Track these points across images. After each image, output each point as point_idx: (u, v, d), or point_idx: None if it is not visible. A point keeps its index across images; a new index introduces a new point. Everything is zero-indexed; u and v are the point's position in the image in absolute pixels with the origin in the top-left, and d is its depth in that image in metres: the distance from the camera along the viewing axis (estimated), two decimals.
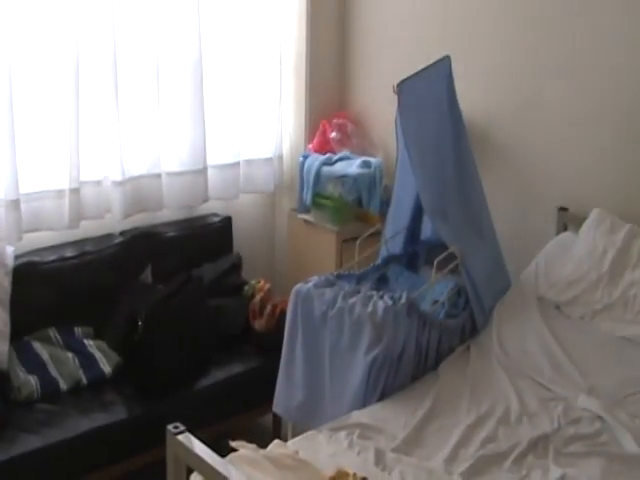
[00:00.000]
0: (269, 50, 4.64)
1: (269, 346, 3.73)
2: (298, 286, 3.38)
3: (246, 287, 4.17)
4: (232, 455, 2.54)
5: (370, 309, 3.11)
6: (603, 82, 3.68)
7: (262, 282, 4.16)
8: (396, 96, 3.34)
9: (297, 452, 2.65)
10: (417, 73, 3.49)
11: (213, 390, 3.67)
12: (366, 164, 4.44)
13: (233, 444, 2.63)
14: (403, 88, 3.37)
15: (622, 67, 3.61)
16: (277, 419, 3.90)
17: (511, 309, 3.49)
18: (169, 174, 4.27)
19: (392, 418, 2.90)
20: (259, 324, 3.93)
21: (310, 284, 3.36)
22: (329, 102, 4.88)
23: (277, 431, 3.88)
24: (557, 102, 3.86)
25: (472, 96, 3.96)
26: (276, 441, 2.74)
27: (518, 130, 4.03)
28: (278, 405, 3.43)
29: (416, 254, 3.90)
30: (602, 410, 2.91)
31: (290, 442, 2.81)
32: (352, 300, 3.19)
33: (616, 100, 3.66)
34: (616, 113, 3.67)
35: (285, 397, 3.39)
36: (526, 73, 3.97)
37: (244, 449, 2.61)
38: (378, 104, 4.61)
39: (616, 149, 3.70)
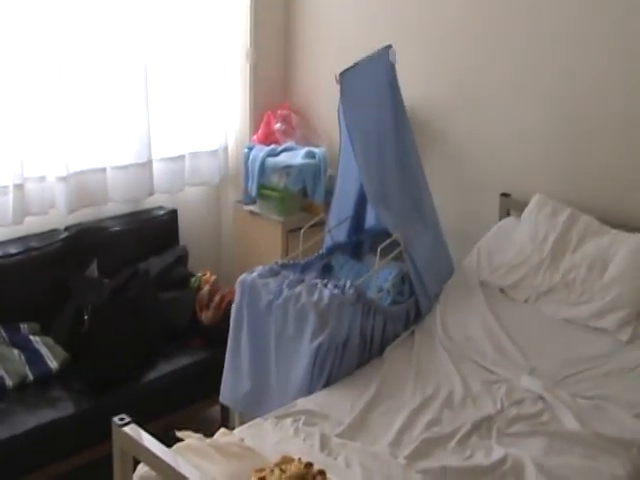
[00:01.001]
0: (213, 42, 4.62)
1: (216, 338, 3.72)
2: (243, 276, 3.39)
3: (193, 279, 4.16)
4: (178, 445, 2.54)
5: (315, 297, 3.13)
6: (544, 69, 3.74)
7: (208, 274, 4.16)
8: (339, 86, 3.36)
9: (243, 440, 2.67)
10: (359, 63, 3.51)
11: (161, 383, 3.66)
12: (310, 154, 4.46)
13: (179, 434, 2.64)
14: (345, 78, 3.40)
15: (562, 54, 3.67)
16: (225, 410, 3.90)
17: (455, 294, 3.53)
18: (114, 168, 4.23)
19: (337, 404, 2.92)
20: (206, 316, 3.93)
21: (255, 274, 3.37)
22: (273, 93, 4.89)
23: (225, 422, 3.88)
24: (499, 89, 3.92)
25: (414, 84, 3.99)
26: (222, 430, 2.75)
27: (460, 118, 4.08)
28: (225, 395, 3.43)
29: (361, 242, 3.93)
30: (544, 390, 2.96)
31: (236, 430, 2.81)
32: (297, 289, 3.20)
33: (557, 87, 3.72)
34: (557, 100, 3.73)
35: (232, 387, 3.39)
36: (468, 61, 4.01)
37: (190, 439, 2.62)
38: (322, 94, 4.63)
39: (557, 136, 3.76)
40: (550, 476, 2.53)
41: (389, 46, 3.65)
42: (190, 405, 3.84)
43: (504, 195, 3.88)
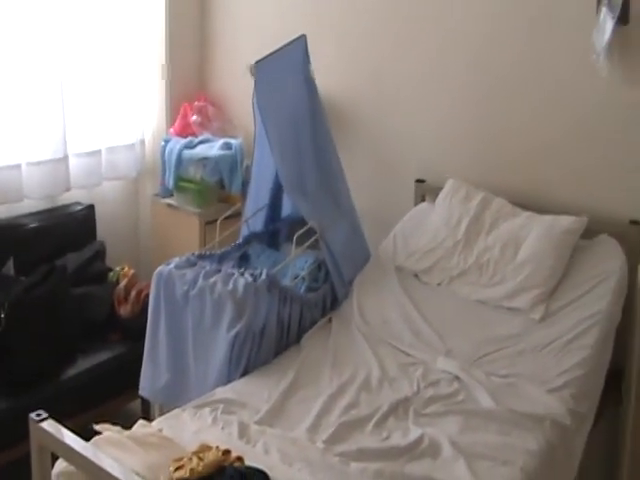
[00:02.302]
0: (128, 35, 4.58)
1: (135, 331, 3.69)
2: (160, 268, 3.37)
3: (111, 274, 4.12)
4: (96, 438, 2.51)
5: (231, 287, 3.12)
6: (457, 57, 3.80)
7: (127, 268, 4.13)
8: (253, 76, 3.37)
9: (161, 430, 2.65)
10: (273, 53, 3.52)
11: (80, 379, 3.63)
12: (227, 145, 4.46)
13: (97, 427, 2.61)
14: (259, 68, 3.41)
15: (475, 42, 3.73)
16: (146, 403, 3.88)
17: (371, 280, 3.56)
18: (29, 164, 4.17)
19: (255, 392, 2.92)
20: (124, 310, 3.90)
21: (171, 265, 3.35)
22: (190, 85, 4.88)
23: (146, 415, 3.86)
24: (414, 77, 3.96)
25: (330, 73, 4.02)
26: (140, 421, 2.72)
27: (376, 105, 4.11)
28: (144, 388, 3.41)
29: (277, 231, 3.94)
30: (459, 370, 3.01)
31: (155, 422, 2.79)
32: (213, 279, 3.19)
33: (469, 75, 3.79)
34: (469, 87, 3.79)
35: (150, 380, 3.37)
36: (383, 49, 4.05)
37: (108, 432, 2.59)
38: (238, 85, 4.61)
39: (468, 122, 3.82)
40: (466, 453, 2.57)
41: (303, 35, 3.67)
42: (110, 400, 3.81)
43: (419, 181, 3.93)
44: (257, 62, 3.41)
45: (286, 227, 3.89)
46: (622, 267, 3.29)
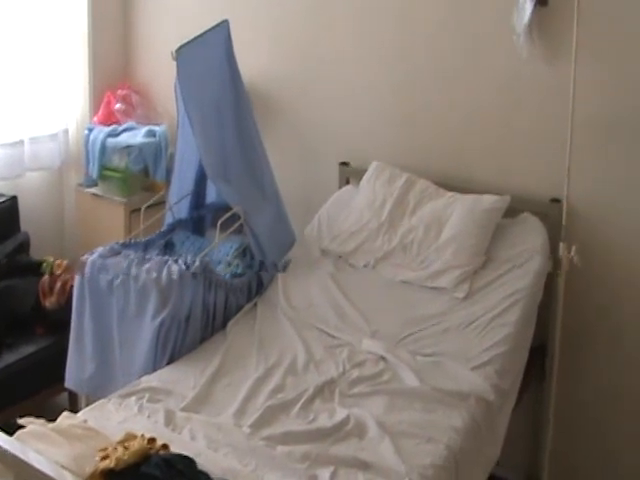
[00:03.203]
0: (49, 23, 4.48)
1: (61, 323, 3.64)
2: (83, 258, 3.33)
3: (44, 264, 4.04)
4: (20, 432, 2.48)
5: (155, 274, 3.11)
6: (377, 40, 3.81)
7: (60, 260, 4.05)
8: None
9: (86, 421, 2.62)
10: (195, 38, 3.50)
11: (5, 373, 3.56)
12: (151, 133, 4.42)
13: (21, 421, 2.57)
14: (181, 54, 3.39)
15: (393, 27, 3.76)
16: (73, 395, 3.84)
17: (296, 264, 3.56)
18: None
19: (181, 379, 2.90)
20: (50, 302, 3.84)
21: (95, 255, 3.31)
22: (113, 73, 4.82)
23: (74, 407, 3.81)
24: (336, 61, 3.97)
25: (253, 58, 4.03)
26: (65, 413, 2.69)
27: (299, 90, 4.11)
28: (70, 380, 3.36)
29: (202, 218, 3.93)
30: (384, 351, 3.03)
31: (80, 413, 2.76)
32: (137, 267, 3.17)
33: (390, 58, 3.80)
34: (389, 70, 3.81)
35: (76, 371, 3.33)
36: (305, 33, 4.05)
37: (32, 425, 2.56)
38: (162, 72, 4.56)
39: (391, 104, 3.84)
40: (391, 432, 2.59)
41: (225, 21, 3.65)
42: (37, 394, 3.75)
43: (343, 164, 3.94)
44: (179, 48, 3.39)
45: (211, 213, 3.87)
46: (544, 245, 3.35)
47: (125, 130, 4.49)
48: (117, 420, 2.66)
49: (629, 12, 3.21)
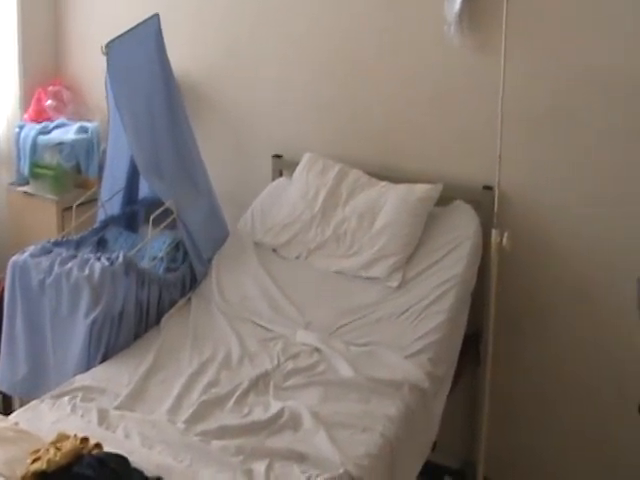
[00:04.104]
0: None
1: None
2: (14, 258, 3.28)
3: None
4: None
5: (87, 272, 3.07)
6: (308, 31, 3.81)
7: None
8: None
9: (17, 424, 2.59)
10: (126, 33, 3.48)
11: None
12: (83, 129, 4.36)
13: None
14: (111, 49, 3.37)
15: (326, 17, 3.76)
16: (7, 398, 3.76)
17: (229, 257, 3.56)
18: None
19: (115, 377, 2.88)
20: None
21: (26, 254, 3.26)
22: (44, 69, 4.73)
23: (7, 409, 3.75)
24: (265, 54, 3.96)
25: (184, 52, 4.00)
26: None
27: (231, 83, 4.09)
28: (2, 382, 3.31)
29: (135, 213, 3.89)
30: (319, 342, 3.04)
31: (12, 415, 2.73)
32: (69, 265, 3.13)
33: (321, 49, 3.80)
34: (320, 62, 3.81)
35: (9, 372, 3.27)
36: (237, 25, 4.03)
37: None
38: (93, 67, 4.46)
39: (323, 96, 3.84)
40: (326, 423, 2.60)
41: (156, 15, 3.62)
42: None
43: (276, 157, 3.93)
44: (109, 43, 3.36)
45: (143, 209, 3.84)
46: (476, 232, 3.38)
47: (56, 127, 4.42)
48: (50, 421, 2.63)
49: (557, 3, 3.25)
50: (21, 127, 4.45)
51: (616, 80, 3.20)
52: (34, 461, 2.30)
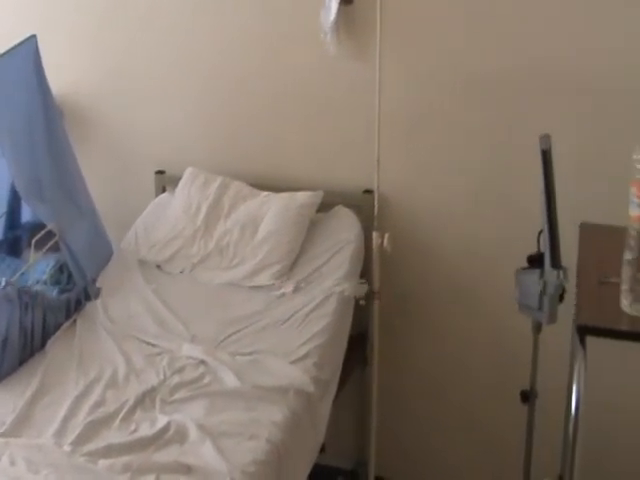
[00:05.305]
0: None
1: None
2: None
3: None
4: None
5: None
6: (183, 44, 3.82)
7: None
8: None
9: None
10: (1, 55, 3.42)
11: None
12: None
13: None
14: None
15: (205, 32, 3.77)
16: None
17: (114, 276, 3.55)
18: None
19: (0, 404, 2.85)
20: None
21: None
22: None
23: None
24: (149, 70, 3.94)
25: (62, 72, 3.93)
26: None
27: (113, 102, 4.06)
28: None
29: (18, 238, 3.85)
30: (204, 354, 3.05)
31: None
32: None
33: (196, 64, 3.82)
34: (198, 75, 3.84)
35: None
36: (116, 45, 3.99)
37: None
38: None
39: (202, 110, 3.86)
40: (212, 434, 2.61)
41: (33, 36, 3.58)
42: None
43: (159, 172, 3.94)
44: None
45: (27, 233, 3.79)
46: (357, 235, 3.46)
47: None
48: None
49: (430, 10, 3.35)
50: None
51: (488, 81, 3.30)
52: None
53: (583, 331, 2.16)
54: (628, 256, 2.18)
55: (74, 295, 3.44)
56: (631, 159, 2.11)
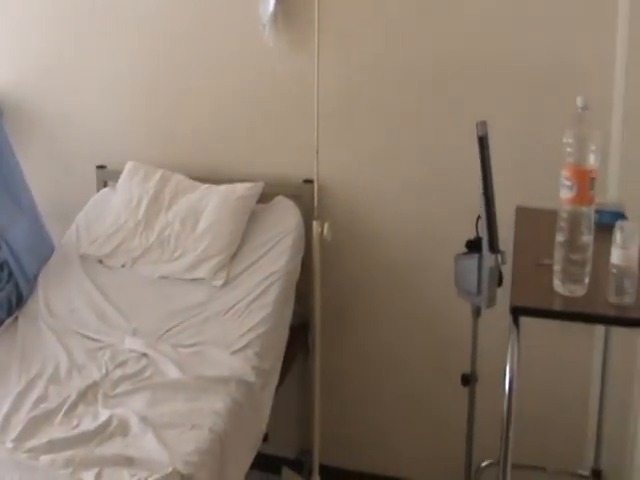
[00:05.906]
0: None
1: None
2: None
3: None
4: None
5: None
6: (121, 38, 3.84)
7: None
8: None
9: None
10: None
11: None
12: None
13: None
14: None
15: (142, 21, 3.78)
16: None
17: (55, 272, 3.55)
18: None
19: None
20: None
21: None
22: None
23: None
24: (89, 68, 3.95)
25: (3, 68, 3.98)
26: None
27: (52, 98, 4.06)
28: None
29: None
30: (146, 347, 3.07)
31: None
32: None
33: (134, 57, 3.84)
34: (136, 70, 3.85)
35: None
36: (56, 41, 3.98)
37: None
38: None
39: (142, 104, 3.88)
40: (154, 425, 2.63)
41: None
42: None
43: (100, 167, 3.94)
44: None
45: None
46: (298, 225, 3.49)
47: None
48: None
49: (367, 1, 3.40)
50: None
51: (425, 68, 3.36)
52: None
53: (517, 312, 2.21)
54: (560, 238, 2.25)
55: (15, 292, 3.44)
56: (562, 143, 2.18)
